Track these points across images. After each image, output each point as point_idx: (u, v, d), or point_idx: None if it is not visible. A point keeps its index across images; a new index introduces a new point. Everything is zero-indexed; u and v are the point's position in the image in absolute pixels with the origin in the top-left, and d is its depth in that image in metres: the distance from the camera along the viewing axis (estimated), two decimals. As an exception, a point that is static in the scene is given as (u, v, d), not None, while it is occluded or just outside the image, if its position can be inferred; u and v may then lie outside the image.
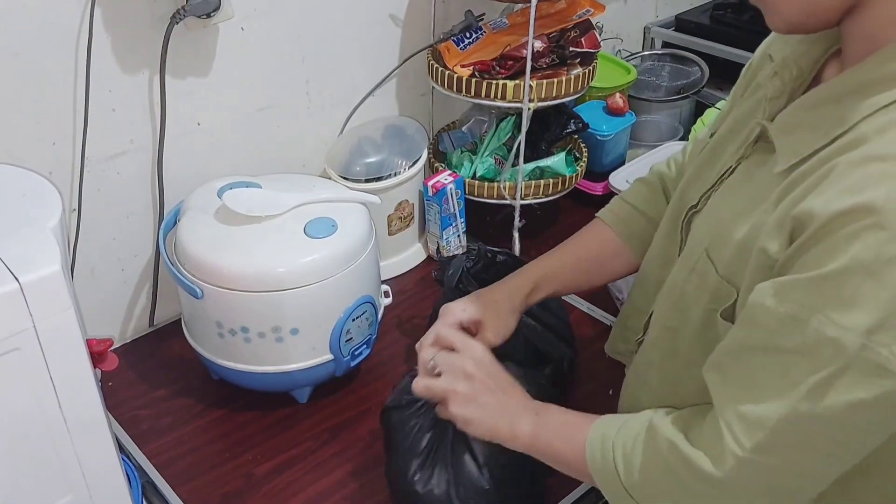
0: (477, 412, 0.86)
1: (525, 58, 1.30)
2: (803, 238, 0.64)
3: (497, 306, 1.00)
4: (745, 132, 0.82)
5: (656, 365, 0.89)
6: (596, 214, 1.11)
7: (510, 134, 1.50)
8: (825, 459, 0.67)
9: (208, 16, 1.16)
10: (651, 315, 0.93)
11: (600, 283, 1.13)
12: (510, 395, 0.88)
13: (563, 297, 1.39)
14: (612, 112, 1.63)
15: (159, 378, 1.26)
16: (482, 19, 1.47)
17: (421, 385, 0.90)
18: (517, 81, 1.33)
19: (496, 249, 1.23)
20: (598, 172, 1.61)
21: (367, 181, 1.37)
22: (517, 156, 1.40)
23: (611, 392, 1.21)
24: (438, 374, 0.90)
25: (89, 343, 0.90)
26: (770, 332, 0.66)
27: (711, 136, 0.92)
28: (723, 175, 0.83)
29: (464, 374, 0.88)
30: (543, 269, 1.06)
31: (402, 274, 1.48)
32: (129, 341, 1.35)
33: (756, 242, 0.71)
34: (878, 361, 0.61)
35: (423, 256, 1.52)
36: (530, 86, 1.32)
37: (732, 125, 0.87)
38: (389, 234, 1.44)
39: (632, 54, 1.95)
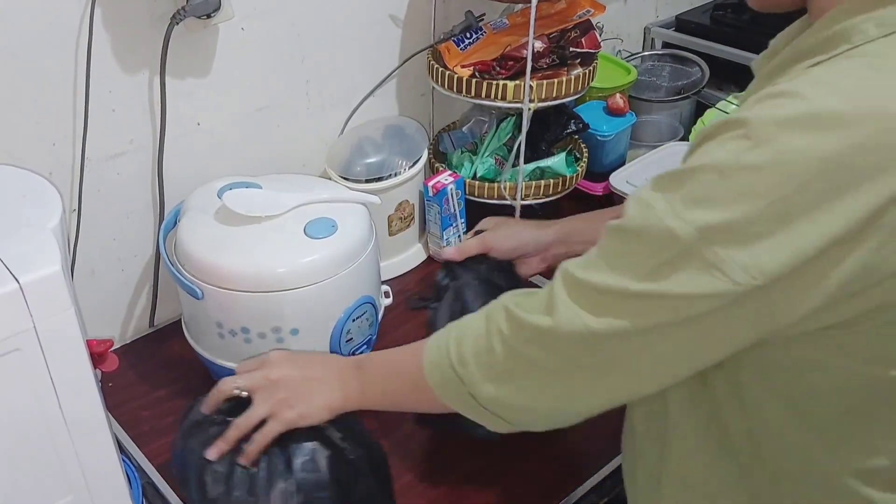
0: (302, 404, 0.89)
1: (525, 58, 1.30)
2: (690, 150, 0.68)
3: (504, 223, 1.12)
4: None
5: None
6: None
7: (510, 134, 1.50)
8: (650, 344, 0.68)
9: (208, 16, 1.16)
10: None
11: None
12: (325, 365, 0.93)
13: None
14: (613, 112, 1.63)
15: (160, 378, 1.26)
16: (482, 19, 1.47)
17: (235, 428, 0.90)
18: (517, 82, 1.33)
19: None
20: (599, 173, 1.61)
21: (368, 181, 1.37)
22: (517, 156, 1.40)
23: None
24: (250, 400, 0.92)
25: (89, 344, 0.90)
26: (628, 215, 0.68)
27: None
28: None
29: (269, 382, 0.91)
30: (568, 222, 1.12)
31: (403, 274, 1.48)
32: (129, 342, 1.35)
33: None
34: (713, 262, 0.62)
35: (423, 257, 1.52)
36: (530, 86, 1.32)
37: None
38: (390, 235, 1.44)
39: (632, 54, 1.95)
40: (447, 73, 1.39)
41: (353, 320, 1.15)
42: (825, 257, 0.60)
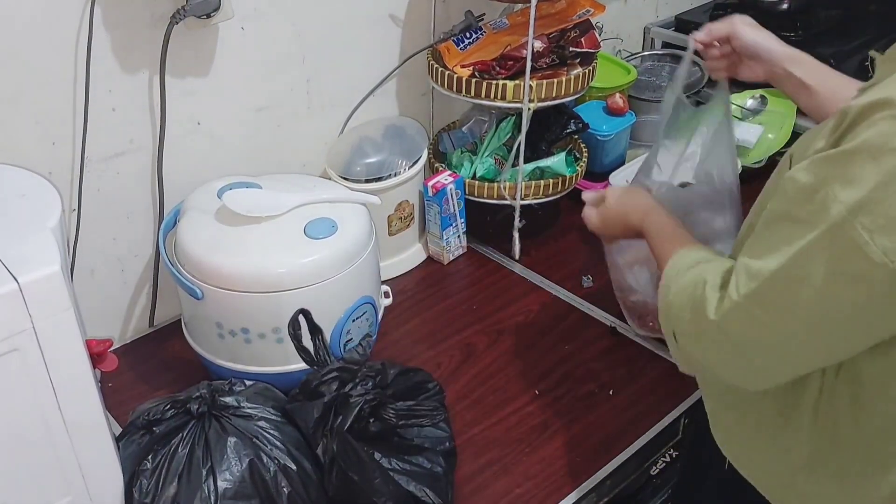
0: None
1: (525, 58, 1.30)
2: (840, 129, 0.71)
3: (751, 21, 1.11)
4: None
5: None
6: None
7: (510, 134, 1.50)
8: (808, 329, 0.73)
9: (208, 16, 1.16)
10: None
11: None
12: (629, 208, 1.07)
13: (560, 299, 1.40)
14: (613, 112, 1.63)
15: (159, 379, 1.26)
16: (482, 19, 1.47)
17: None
18: (517, 81, 1.33)
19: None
20: (599, 172, 1.61)
21: (368, 181, 1.37)
22: (517, 156, 1.40)
23: (611, 392, 1.21)
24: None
25: (89, 343, 0.90)
26: (789, 200, 0.73)
27: None
28: None
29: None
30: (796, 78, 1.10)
31: (403, 274, 1.48)
32: (129, 342, 1.35)
33: (818, 141, 0.76)
34: (857, 241, 0.66)
35: (423, 257, 1.52)
36: (530, 86, 1.32)
37: None
38: (389, 235, 1.44)
39: (632, 54, 1.95)
40: (447, 72, 1.38)
41: (353, 320, 1.15)
42: None
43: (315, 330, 1.03)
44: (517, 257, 1.50)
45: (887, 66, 0.76)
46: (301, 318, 1.02)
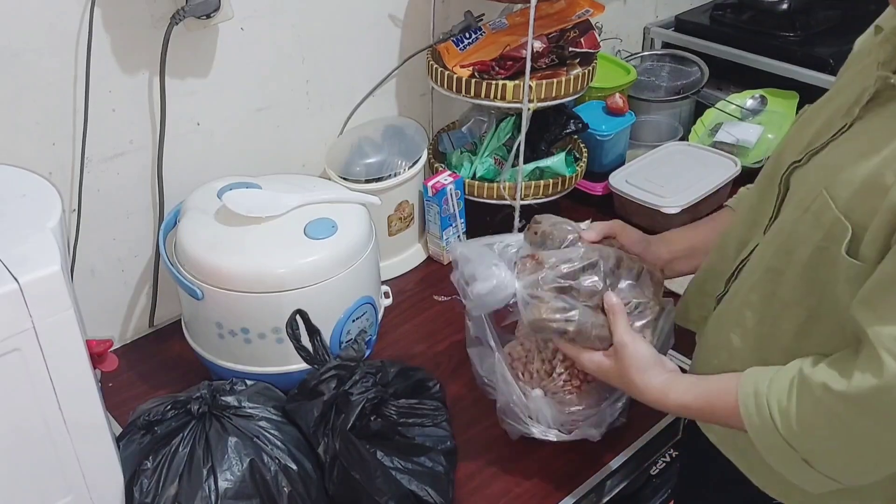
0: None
1: (525, 58, 1.30)
2: None
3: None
4: (853, 95, 0.83)
5: (755, 307, 0.91)
6: (725, 204, 1.12)
7: (510, 134, 1.50)
8: None
9: (208, 16, 1.16)
10: (735, 271, 0.96)
11: None
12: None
13: None
14: (612, 112, 1.63)
15: (159, 379, 1.26)
16: (482, 20, 1.47)
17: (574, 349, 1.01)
18: (517, 82, 1.33)
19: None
20: (598, 172, 1.61)
21: (367, 181, 1.37)
22: (517, 156, 1.40)
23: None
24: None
25: (89, 344, 0.90)
26: None
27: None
28: (834, 135, 0.84)
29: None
30: (678, 251, 1.10)
31: (403, 274, 1.48)
32: (129, 342, 1.35)
33: (887, 179, 0.73)
34: None
35: (423, 257, 1.52)
36: (530, 86, 1.32)
37: (831, 95, 0.89)
38: (389, 235, 1.44)
39: (631, 54, 1.95)
40: (447, 73, 1.39)
41: (353, 321, 1.15)
42: None
43: (313, 331, 1.03)
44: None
45: None
46: (298, 319, 1.02)
